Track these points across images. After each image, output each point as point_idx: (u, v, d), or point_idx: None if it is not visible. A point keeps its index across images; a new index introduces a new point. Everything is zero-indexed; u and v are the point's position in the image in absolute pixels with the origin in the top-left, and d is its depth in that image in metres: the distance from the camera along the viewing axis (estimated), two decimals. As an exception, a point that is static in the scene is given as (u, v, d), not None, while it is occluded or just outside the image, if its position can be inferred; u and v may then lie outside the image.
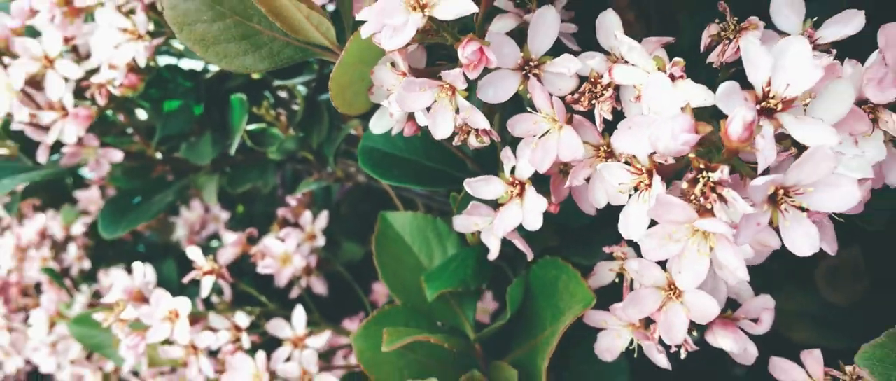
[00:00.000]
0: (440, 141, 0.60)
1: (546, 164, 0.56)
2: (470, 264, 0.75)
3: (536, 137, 0.58)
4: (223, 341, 0.92)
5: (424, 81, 0.55)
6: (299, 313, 0.94)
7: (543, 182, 0.61)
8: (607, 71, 0.54)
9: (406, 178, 0.76)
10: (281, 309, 0.98)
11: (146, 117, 1.09)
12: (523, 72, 0.57)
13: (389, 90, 0.60)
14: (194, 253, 0.95)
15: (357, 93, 0.62)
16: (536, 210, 0.59)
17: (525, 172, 0.60)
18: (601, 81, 0.55)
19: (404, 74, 0.57)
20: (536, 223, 0.59)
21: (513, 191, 0.61)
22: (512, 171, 0.61)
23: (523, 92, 0.57)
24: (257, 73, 0.66)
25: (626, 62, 0.52)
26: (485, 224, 0.66)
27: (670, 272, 0.53)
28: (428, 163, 0.76)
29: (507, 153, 0.61)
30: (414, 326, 0.74)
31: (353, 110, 0.64)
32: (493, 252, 0.67)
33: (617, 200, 0.54)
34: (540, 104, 0.55)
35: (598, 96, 0.54)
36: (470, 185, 0.62)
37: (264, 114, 0.98)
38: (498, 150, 0.65)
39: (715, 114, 0.47)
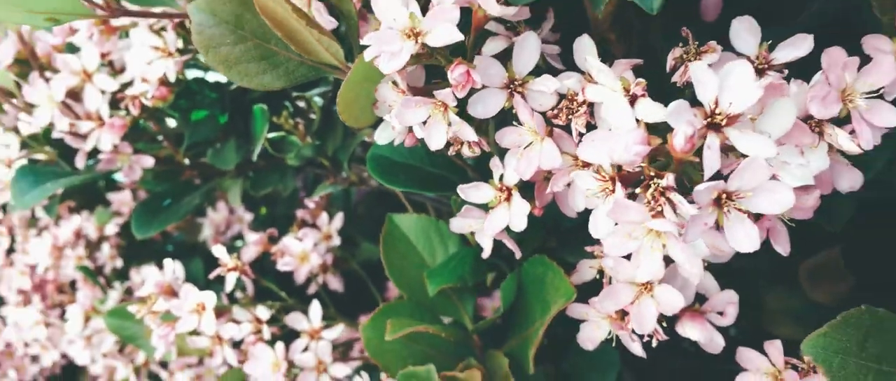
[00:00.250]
0: (439, 150, 0.65)
1: (529, 172, 0.62)
2: (468, 262, 0.80)
3: (521, 147, 0.63)
4: (245, 332, 0.98)
5: (419, 99, 0.61)
6: (315, 307, 1.00)
7: (529, 188, 0.66)
8: (581, 90, 0.59)
9: (411, 183, 0.80)
10: (299, 304, 1.03)
11: (175, 125, 1.13)
12: (509, 90, 0.62)
13: (391, 106, 0.65)
14: (220, 251, 1.01)
15: (362, 108, 0.67)
16: (521, 213, 0.64)
17: (511, 179, 0.65)
18: (577, 99, 0.59)
19: (403, 92, 0.63)
20: (521, 225, 0.64)
21: (501, 196, 0.66)
22: (500, 178, 0.67)
23: (509, 107, 0.62)
24: (275, 88, 0.73)
25: (597, 83, 0.58)
26: (478, 226, 0.71)
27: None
28: (431, 169, 0.81)
29: (496, 162, 0.67)
30: (417, 318, 0.79)
31: (360, 123, 0.69)
32: (486, 251, 0.72)
33: (592, 204, 0.60)
34: (524, 119, 0.61)
35: (574, 112, 0.59)
36: (463, 190, 0.67)
37: (284, 123, 1.02)
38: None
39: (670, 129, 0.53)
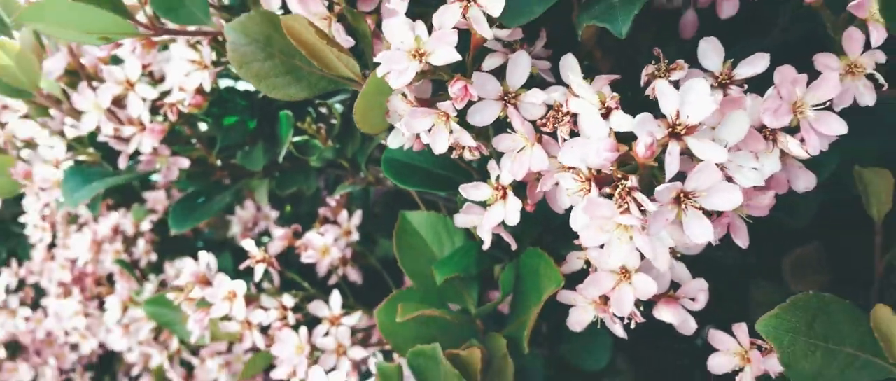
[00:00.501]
0: (443, 154, 0.73)
1: (521, 173, 0.69)
2: (472, 254, 0.87)
3: (515, 152, 0.70)
4: (272, 318, 1.05)
5: (425, 110, 0.69)
6: (335, 296, 1.06)
7: (522, 188, 0.74)
8: (566, 101, 0.67)
9: (420, 183, 0.87)
10: (321, 293, 1.10)
11: (206, 129, 1.19)
12: (503, 101, 0.69)
13: (401, 115, 0.73)
14: (249, 244, 1.08)
15: (377, 116, 0.75)
16: (515, 209, 0.72)
17: (506, 179, 0.72)
18: (562, 109, 0.66)
19: (411, 104, 0.72)
20: (514, 219, 0.72)
21: (497, 194, 0.73)
22: (497, 178, 0.74)
23: (504, 117, 0.69)
24: (299, 99, 0.82)
25: (578, 96, 0.66)
26: (478, 221, 0.77)
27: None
28: (438, 171, 0.87)
29: (493, 165, 0.74)
30: (426, 304, 0.87)
31: (374, 130, 0.77)
32: (486, 244, 0.79)
33: (574, 201, 0.68)
34: (516, 127, 0.68)
35: (560, 121, 0.66)
36: (464, 189, 0.75)
37: (307, 128, 1.07)
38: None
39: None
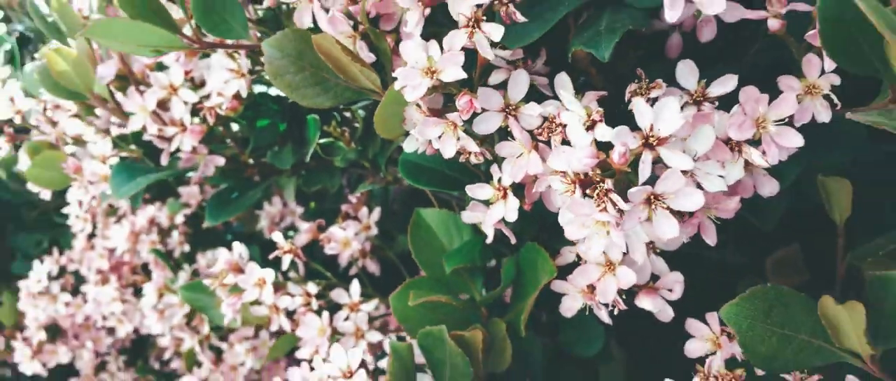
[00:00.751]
0: (451, 158, 0.82)
1: (520, 176, 0.77)
2: (477, 247, 0.96)
3: (514, 157, 0.78)
4: (297, 304, 1.12)
5: (436, 120, 0.79)
6: (355, 285, 1.14)
7: (521, 189, 0.82)
8: (558, 114, 0.77)
9: (433, 183, 0.96)
10: (342, 283, 1.17)
11: (237, 129, 1.27)
12: (505, 113, 0.78)
13: (415, 123, 0.82)
14: (277, 237, 1.16)
15: (394, 124, 0.85)
16: (513, 208, 0.80)
17: (506, 181, 0.80)
18: (555, 121, 0.75)
19: (425, 114, 0.81)
20: (513, 216, 0.80)
21: (498, 194, 0.82)
22: (498, 180, 0.82)
23: (505, 126, 0.78)
24: (326, 107, 0.91)
25: (568, 109, 0.75)
26: (483, 218, 0.86)
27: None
28: (449, 172, 0.96)
29: (495, 168, 0.83)
30: (436, 292, 0.95)
31: (392, 135, 0.87)
32: (489, 238, 0.88)
33: (563, 201, 0.78)
34: (516, 135, 0.76)
35: (553, 131, 0.75)
36: (470, 189, 0.83)
37: (332, 131, 1.15)
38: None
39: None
